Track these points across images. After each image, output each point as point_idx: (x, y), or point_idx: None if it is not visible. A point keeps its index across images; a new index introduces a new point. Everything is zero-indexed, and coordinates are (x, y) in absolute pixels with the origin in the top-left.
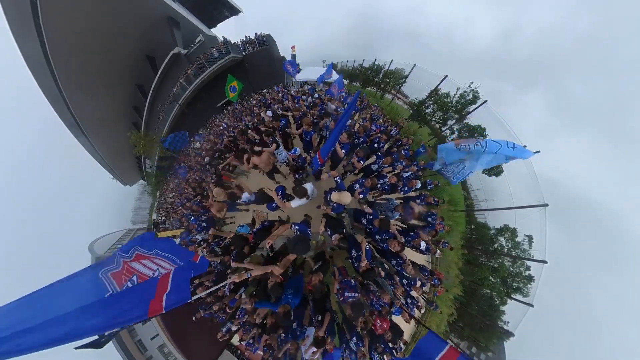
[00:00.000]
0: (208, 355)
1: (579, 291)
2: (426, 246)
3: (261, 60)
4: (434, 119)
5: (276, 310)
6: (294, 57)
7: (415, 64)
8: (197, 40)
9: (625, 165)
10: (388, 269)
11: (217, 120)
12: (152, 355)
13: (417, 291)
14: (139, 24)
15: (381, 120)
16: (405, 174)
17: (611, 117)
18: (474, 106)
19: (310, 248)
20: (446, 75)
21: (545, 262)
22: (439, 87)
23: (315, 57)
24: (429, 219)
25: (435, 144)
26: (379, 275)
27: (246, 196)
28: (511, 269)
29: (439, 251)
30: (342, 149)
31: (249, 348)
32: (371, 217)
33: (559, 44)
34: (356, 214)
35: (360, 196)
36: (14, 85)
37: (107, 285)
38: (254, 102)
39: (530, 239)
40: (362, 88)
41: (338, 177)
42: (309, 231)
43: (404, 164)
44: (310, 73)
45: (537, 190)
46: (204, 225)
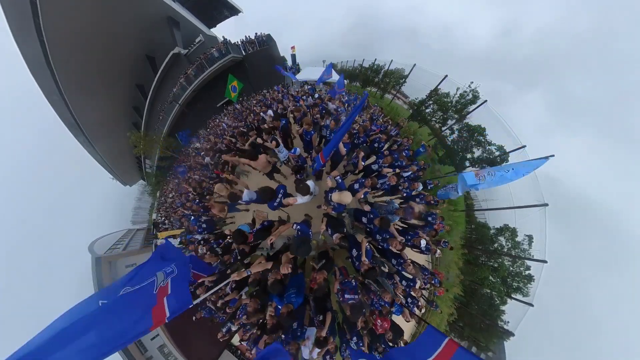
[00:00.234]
0: (208, 356)
1: (579, 291)
2: (426, 245)
3: (261, 60)
4: (434, 118)
5: (282, 304)
6: (294, 57)
7: (415, 64)
8: (197, 40)
9: (626, 165)
10: (388, 268)
11: (217, 120)
12: (152, 355)
13: (416, 293)
14: (139, 24)
15: (381, 120)
16: (405, 173)
17: (611, 116)
18: (473, 106)
19: (312, 250)
20: (446, 75)
21: (545, 261)
22: (438, 87)
23: (315, 57)
24: (429, 218)
25: (435, 144)
26: (379, 274)
27: (248, 194)
28: (511, 268)
29: (439, 251)
30: (343, 148)
31: (249, 349)
32: (371, 216)
33: (558, 44)
34: (356, 213)
35: (362, 196)
36: (13, 85)
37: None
38: (254, 102)
39: (530, 238)
40: (362, 88)
41: (339, 177)
42: (310, 232)
43: (404, 163)
44: (311, 73)
45: (537, 189)
46: (204, 226)
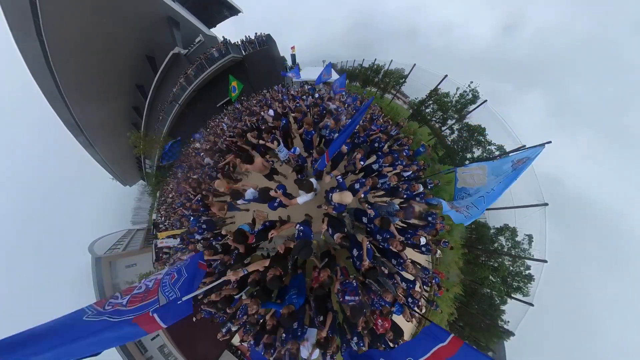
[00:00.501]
0: (209, 356)
1: (579, 290)
2: (427, 246)
3: (261, 60)
4: (433, 118)
5: (281, 310)
6: (293, 57)
7: (415, 64)
8: (196, 40)
9: (625, 165)
10: (389, 268)
11: (217, 120)
12: (153, 355)
13: (415, 294)
14: (139, 24)
15: (381, 120)
16: (406, 173)
17: (611, 116)
18: (473, 106)
19: (312, 252)
20: (446, 75)
21: (545, 261)
22: (438, 86)
23: (315, 57)
24: (429, 218)
25: (435, 144)
26: (381, 274)
27: (251, 192)
28: (511, 268)
29: (439, 251)
30: (345, 147)
31: (250, 349)
32: (372, 216)
33: (558, 44)
34: (357, 213)
35: (362, 196)
36: (13, 85)
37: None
38: (254, 102)
39: (530, 238)
40: (362, 88)
41: (339, 177)
42: (312, 235)
43: (404, 163)
44: (311, 73)
45: (537, 189)
46: (204, 227)
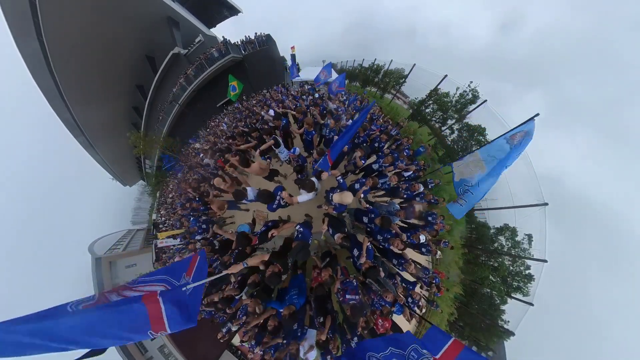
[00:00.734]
0: (209, 356)
1: (579, 290)
2: (427, 247)
3: (261, 60)
4: (433, 118)
5: (282, 309)
6: (293, 57)
7: (415, 64)
8: (196, 41)
9: (625, 165)
10: (389, 269)
11: (217, 120)
12: (153, 356)
13: (415, 296)
14: (138, 24)
15: (381, 120)
16: (406, 173)
17: (611, 116)
18: (473, 106)
19: (309, 255)
20: (446, 75)
21: (545, 261)
22: (438, 86)
23: (315, 57)
24: (429, 218)
25: (435, 144)
26: (381, 274)
27: (253, 191)
28: (511, 268)
29: (439, 252)
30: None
31: (250, 349)
32: (372, 215)
33: (558, 43)
34: (357, 213)
35: (362, 195)
36: (13, 85)
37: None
38: (254, 102)
39: (530, 238)
40: (362, 88)
41: (340, 177)
42: (310, 237)
43: (405, 163)
44: (311, 73)
45: (536, 189)
46: (204, 227)
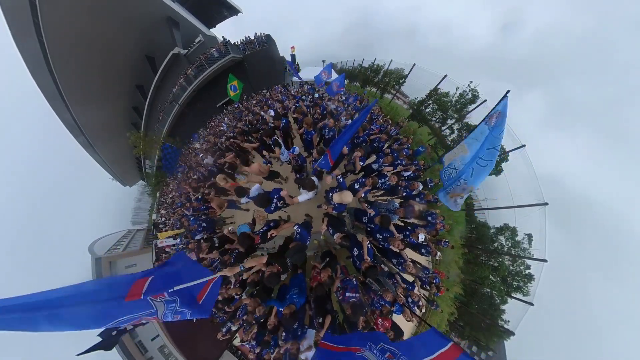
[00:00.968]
0: (209, 356)
1: (579, 290)
2: (427, 248)
3: (261, 60)
4: (433, 118)
5: (282, 307)
6: (293, 57)
7: (414, 64)
8: (196, 41)
9: (625, 165)
10: (389, 268)
11: (217, 120)
12: (153, 356)
13: (414, 296)
14: (138, 24)
15: (381, 120)
16: (406, 173)
17: (611, 116)
18: (473, 105)
19: (305, 258)
20: (445, 75)
21: (545, 260)
22: (438, 86)
23: (315, 57)
24: (430, 218)
25: (435, 144)
26: (381, 273)
27: (257, 188)
28: (511, 267)
29: (439, 253)
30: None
31: (251, 350)
32: (372, 215)
33: (558, 44)
34: (357, 213)
35: (362, 195)
36: (13, 85)
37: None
38: (254, 102)
39: (530, 237)
40: (362, 88)
41: (339, 177)
42: (308, 239)
43: (404, 162)
44: (311, 73)
45: (536, 189)
46: (204, 225)
